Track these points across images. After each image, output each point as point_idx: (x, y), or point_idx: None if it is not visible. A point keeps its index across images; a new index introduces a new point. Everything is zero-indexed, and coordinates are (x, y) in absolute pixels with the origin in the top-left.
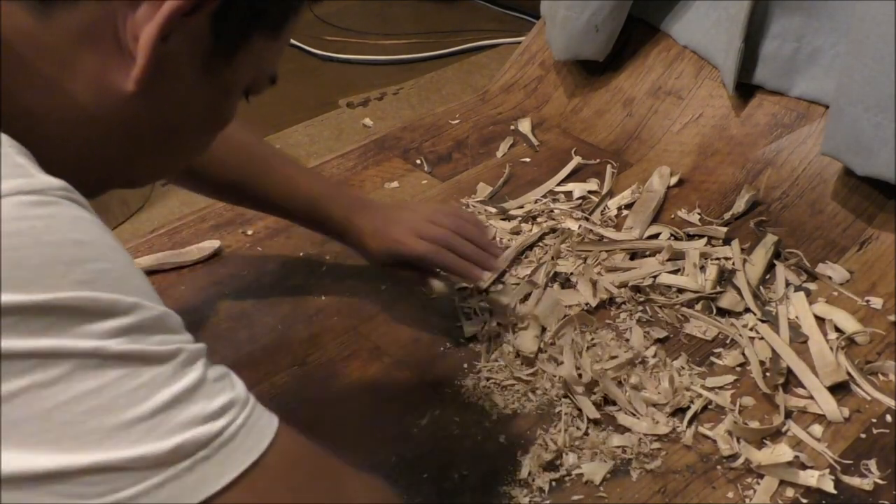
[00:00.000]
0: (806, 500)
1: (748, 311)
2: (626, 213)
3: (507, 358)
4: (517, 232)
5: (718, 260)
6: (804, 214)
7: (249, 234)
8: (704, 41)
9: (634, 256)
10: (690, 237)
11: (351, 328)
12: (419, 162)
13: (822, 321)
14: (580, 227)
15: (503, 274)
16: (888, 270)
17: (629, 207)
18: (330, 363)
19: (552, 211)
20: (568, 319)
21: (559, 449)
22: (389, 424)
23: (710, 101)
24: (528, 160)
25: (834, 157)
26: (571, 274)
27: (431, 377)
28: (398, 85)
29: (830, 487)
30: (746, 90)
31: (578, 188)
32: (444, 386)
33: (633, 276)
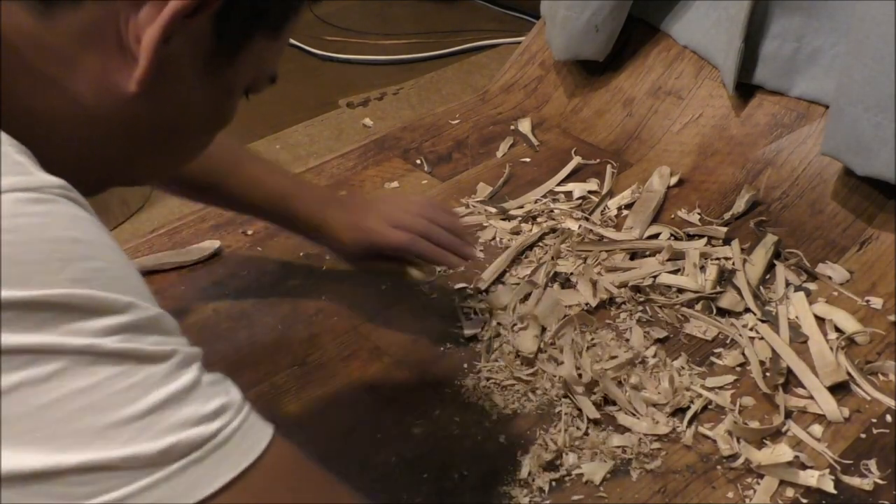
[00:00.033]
0: (806, 500)
1: (748, 311)
2: (626, 213)
3: (507, 358)
4: (517, 232)
5: (718, 260)
6: (804, 214)
7: (249, 234)
8: (704, 41)
9: (634, 256)
10: (690, 237)
11: (351, 328)
12: (419, 162)
13: (822, 321)
14: (580, 227)
15: (503, 274)
16: (888, 270)
17: (629, 207)
18: (330, 363)
19: (552, 211)
20: (568, 319)
21: (559, 449)
22: (389, 424)
23: (710, 101)
24: (528, 160)
25: (834, 157)
26: (571, 274)
27: (431, 377)
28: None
29: (830, 487)
30: (746, 90)
31: (578, 188)
32: (444, 386)
33: (633, 276)
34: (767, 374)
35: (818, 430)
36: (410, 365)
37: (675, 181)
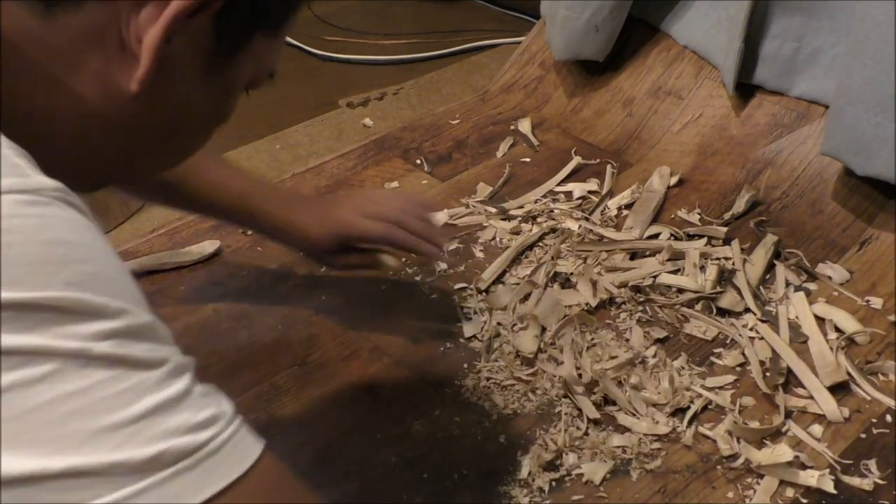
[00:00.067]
0: (806, 500)
1: (748, 311)
2: (626, 213)
3: (507, 358)
4: (517, 232)
5: (718, 260)
6: (804, 214)
7: (249, 234)
8: (704, 41)
9: (634, 256)
10: (690, 237)
11: (351, 328)
12: (419, 162)
13: (822, 321)
14: (580, 227)
15: (503, 274)
16: (888, 270)
17: (629, 207)
18: (330, 363)
19: (552, 211)
20: (568, 319)
21: (559, 449)
22: (389, 424)
23: (710, 101)
24: (528, 160)
25: (834, 157)
26: (571, 274)
27: (431, 377)
28: (398, 85)
29: (830, 487)
30: (746, 90)
31: (578, 188)
32: (444, 386)
33: (633, 276)
34: (767, 374)
35: (818, 430)
36: (410, 365)
37: (675, 181)
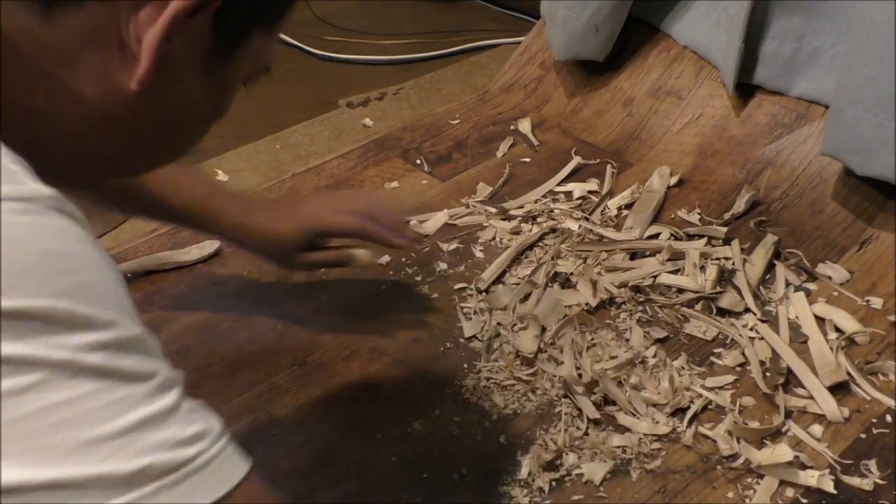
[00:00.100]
0: (806, 500)
1: (748, 311)
2: (626, 213)
3: (507, 358)
4: (517, 232)
5: (718, 260)
6: (804, 214)
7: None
8: (704, 41)
9: (634, 256)
10: (690, 237)
11: (351, 328)
12: (419, 162)
13: (822, 321)
14: (580, 227)
15: (503, 274)
16: (888, 270)
17: (629, 207)
18: (330, 363)
19: (552, 211)
20: (568, 319)
21: (559, 449)
22: (389, 424)
23: (710, 101)
24: (528, 160)
25: (834, 157)
26: (571, 274)
27: (431, 377)
28: (398, 85)
29: (830, 487)
30: (746, 90)
31: (578, 188)
32: (444, 386)
33: (633, 276)
34: (767, 374)
35: (818, 430)
36: (410, 365)
37: (675, 181)
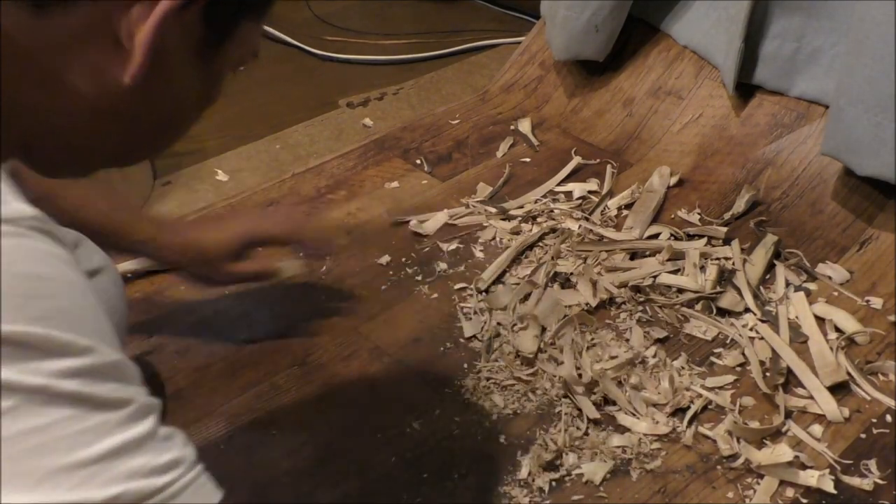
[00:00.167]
0: (806, 500)
1: (748, 311)
2: (626, 213)
3: (507, 358)
4: (517, 232)
5: (718, 260)
6: (804, 214)
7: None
8: (704, 41)
9: (634, 256)
10: (690, 237)
11: (351, 328)
12: (419, 162)
13: (822, 321)
14: (580, 227)
15: (503, 274)
16: (888, 270)
17: (629, 207)
18: (330, 363)
19: (552, 211)
20: (568, 319)
21: (559, 449)
22: (389, 424)
23: (710, 101)
24: (528, 160)
25: (834, 157)
26: (571, 274)
27: (431, 377)
28: (398, 85)
29: (830, 487)
30: (746, 90)
31: (578, 188)
32: (444, 386)
33: (633, 276)
34: (767, 374)
35: (818, 430)
36: (410, 365)
37: (675, 181)
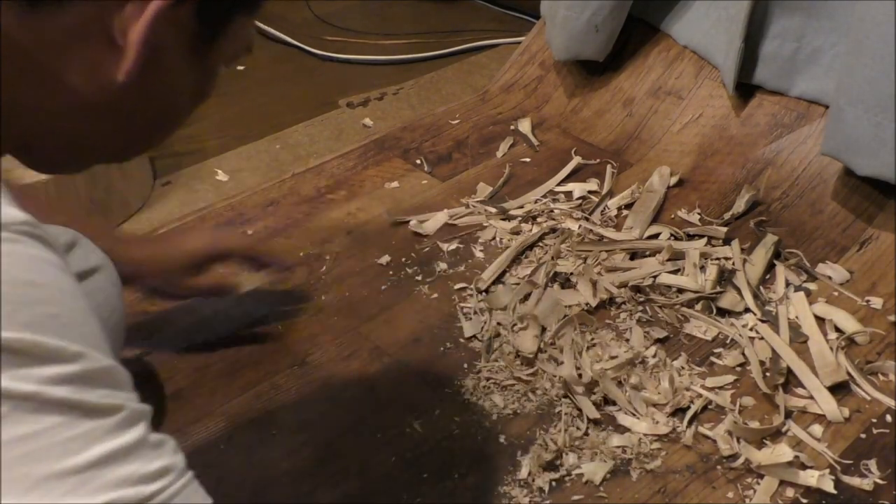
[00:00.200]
0: (806, 500)
1: (748, 311)
2: (626, 213)
3: (507, 358)
4: (517, 232)
5: (718, 260)
6: (804, 214)
7: (249, 233)
8: (704, 41)
9: (634, 256)
10: (690, 237)
11: (351, 328)
12: (419, 162)
13: (822, 321)
14: (580, 227)
15: (503, 274)
16: (888, 270)
17: (629, 207)
18: (330, 363)
19: (552, 211)
20: (568, 319)
21: (559, 449)
22: (389, 424)
23: (710, 101)
24: (528, 160)
25: (834, 157)
26: (571, 274)
27: (431, 377)
28: (398, 85)
29: (830, 487)
30: (746, 90)
31: (578, 188)
32: (444, 386)
33: (633, 276)
34: (767, 374)
35: (818, 430)
36: (410, 365)
37: (675, 181)
